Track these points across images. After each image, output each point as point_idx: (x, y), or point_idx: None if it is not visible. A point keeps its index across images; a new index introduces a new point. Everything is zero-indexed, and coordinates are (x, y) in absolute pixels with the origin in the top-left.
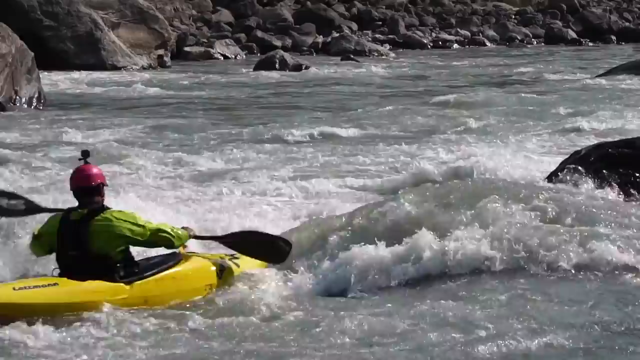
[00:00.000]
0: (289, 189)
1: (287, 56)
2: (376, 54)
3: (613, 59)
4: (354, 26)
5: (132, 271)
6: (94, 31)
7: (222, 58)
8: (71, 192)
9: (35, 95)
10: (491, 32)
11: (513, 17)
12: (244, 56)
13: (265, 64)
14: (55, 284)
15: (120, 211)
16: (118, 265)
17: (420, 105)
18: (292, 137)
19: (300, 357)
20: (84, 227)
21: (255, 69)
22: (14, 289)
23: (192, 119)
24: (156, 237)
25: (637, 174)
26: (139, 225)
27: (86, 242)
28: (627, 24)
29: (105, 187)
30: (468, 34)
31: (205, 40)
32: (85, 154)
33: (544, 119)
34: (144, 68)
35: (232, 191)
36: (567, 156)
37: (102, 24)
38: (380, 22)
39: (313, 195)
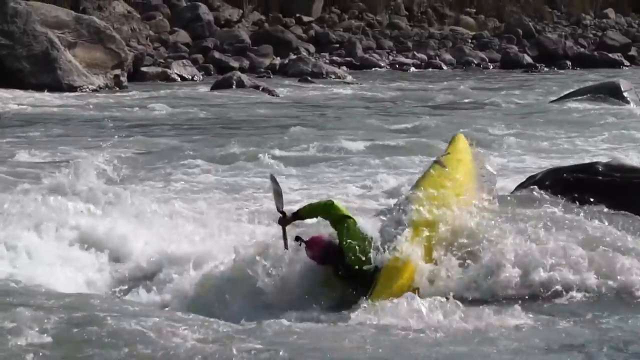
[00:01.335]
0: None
1: (245, 77)
2: (333, 76)
3: (568, 84)
4: (312, 48)
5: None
6: (50, 50)
7: (179, 79)
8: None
9: None
10: (448, 56)
11: (469, 41)
12: (201, 77)
13: (223, 85)
14: None
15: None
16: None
17: (379, 130)
18: (265, 158)
19: None
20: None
21: (212, 89)
22: None
23: (159, 139)
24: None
25: (592, 200)
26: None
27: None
28: (582, 49)
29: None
30: (425, 57)
31: (162, 61)
32: (298, 239)
33: (499, 143)
34: (100, 88)
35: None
36: (522, 180)
37: (58, 44)
38: (338, 45)
39: None
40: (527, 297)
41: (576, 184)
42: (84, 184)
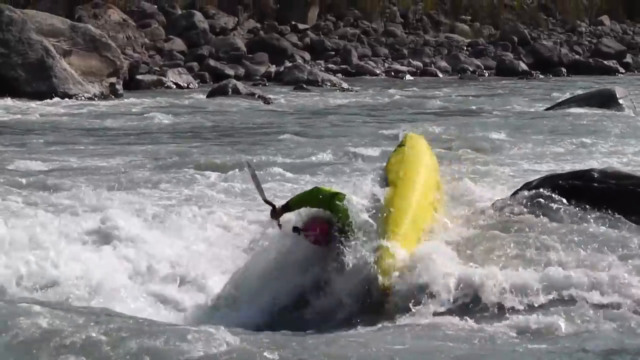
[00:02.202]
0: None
1: (240, 85)
2: (329, 84)
3: (563, 91)
4: (307, 56)
5: None
6: (46, 58)
7: (174, 86)
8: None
9: None
10: (443, 63)
11: (465, 48)
12: (197, 85)
13: (218, 93)
14: None
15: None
16: None
17: (379, 137)
18: (271, 165)
19: None
20: None
21: (208, 97)
22: None
23: (161, 146)
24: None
25: (588, 206)
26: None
27: None
28: (577, 56)
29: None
30: (420, 64)
31: (157, 69)
32: (296, 229)
33: (496, 150)
34: (95, 96)
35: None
36: (517, 187)
37: (53, 52)
38: (333, 52)
39: None
40: (555, 303)
41: (572, 191)
42: (95, 205)
